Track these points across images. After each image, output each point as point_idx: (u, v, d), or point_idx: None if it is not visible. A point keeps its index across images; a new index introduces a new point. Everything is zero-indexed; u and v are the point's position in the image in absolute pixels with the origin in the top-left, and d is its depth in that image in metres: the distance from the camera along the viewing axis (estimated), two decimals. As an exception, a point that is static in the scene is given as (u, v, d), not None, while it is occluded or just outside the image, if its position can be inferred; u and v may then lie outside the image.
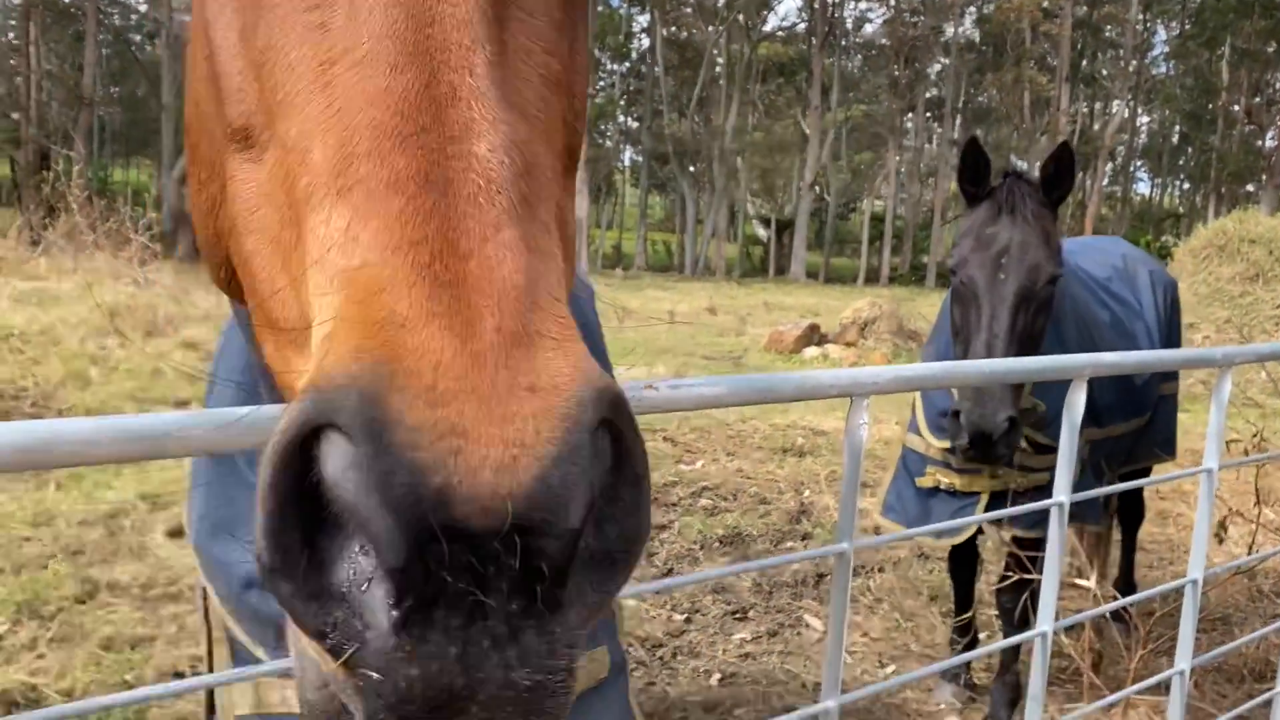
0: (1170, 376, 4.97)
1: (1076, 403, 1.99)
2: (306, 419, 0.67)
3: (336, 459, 0.66)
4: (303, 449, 0.68)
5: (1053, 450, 3.64)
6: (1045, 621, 2.01)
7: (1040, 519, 3.81)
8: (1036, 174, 3.81)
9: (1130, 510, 5.39)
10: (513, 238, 0.75)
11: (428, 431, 0.65)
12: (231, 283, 1.13)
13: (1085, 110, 53.43)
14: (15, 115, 41.45)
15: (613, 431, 0.72)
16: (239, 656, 1.70)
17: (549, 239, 0.81)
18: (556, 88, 0.90)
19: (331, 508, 0.67)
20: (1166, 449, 5.00)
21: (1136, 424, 4.48)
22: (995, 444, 3.37)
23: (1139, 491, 5.34)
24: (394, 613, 0.66)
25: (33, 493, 6.22)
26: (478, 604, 0.66)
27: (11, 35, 44.90)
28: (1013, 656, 4.15)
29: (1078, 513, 4.08)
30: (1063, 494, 2.00)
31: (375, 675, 0.67)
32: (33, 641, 4.40)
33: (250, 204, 0.92)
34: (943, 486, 4.03)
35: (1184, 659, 2.46)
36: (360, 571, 0.67)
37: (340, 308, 0.73)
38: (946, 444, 3.93)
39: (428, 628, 0.66)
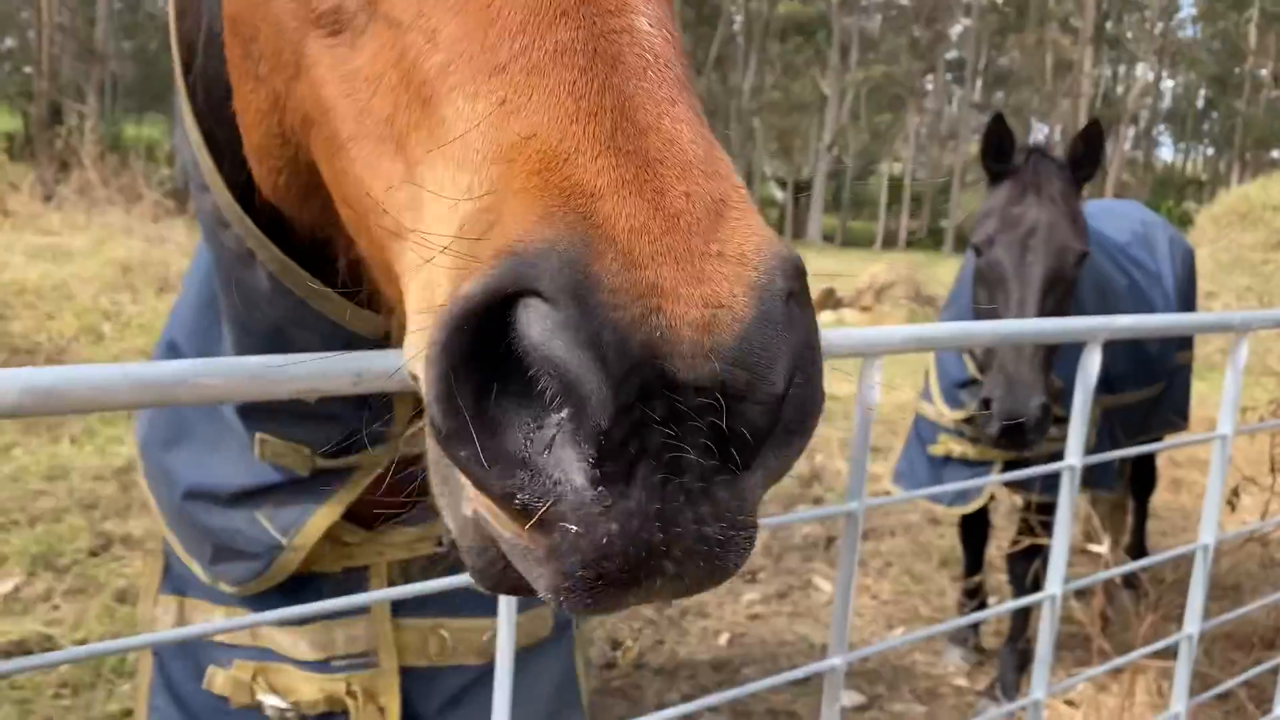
0: (1186, 345, 4.92)
1: (1091, 366, 1.96)
2: (503, 283, 0.66)
3: (541, 322, 0.66)
4: (486, 314, 0.67)
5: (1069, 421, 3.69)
6: (1054, 584, 1.99)
7: (1037, 484, 3.81)
8: (1056, 146, 3.76)
9: (1142, 478, 5.37)
10: (686, 111, 0.75)
11: (629, 292, 0.66)
12: (291, 190, 1.11)
13: (1109, 73, 52.62)
14: (27, 69, 41.37)
15: (796, 298, 0.72)
16: (172, 571, 1.69)
17: (703, 115, 0.81)
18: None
19: (526, 371, 0.66)
20: (1180, 418, 4.96)
21: (1150, 392, 4.44)
22: (1027, 431, 3.33)
23: (1151, 459, 5.31)
24: (597, 470, 0.66)
25: (47, 447, 6.27)
26: (676, 460, 0.66)
27: (25, -12, 44.70)
28: (1022, 623, 4.15)
29: (1093, 480, 4.06)
30: (1074, 457, 1.97)
31: (574, 529, 0.66)
32: (48, 593, 4.46)
33: (346, 90, 0.88)
34: (955, 455, 4.01)
35: (1193, 624, 2.44)
36: (559, 431, 0.66)
37: (510, 179, 0.71)
38: (960, 414, 3.91)
39: (630, 483, 0.66)
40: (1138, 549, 5.39)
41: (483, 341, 0.68)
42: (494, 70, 0.75)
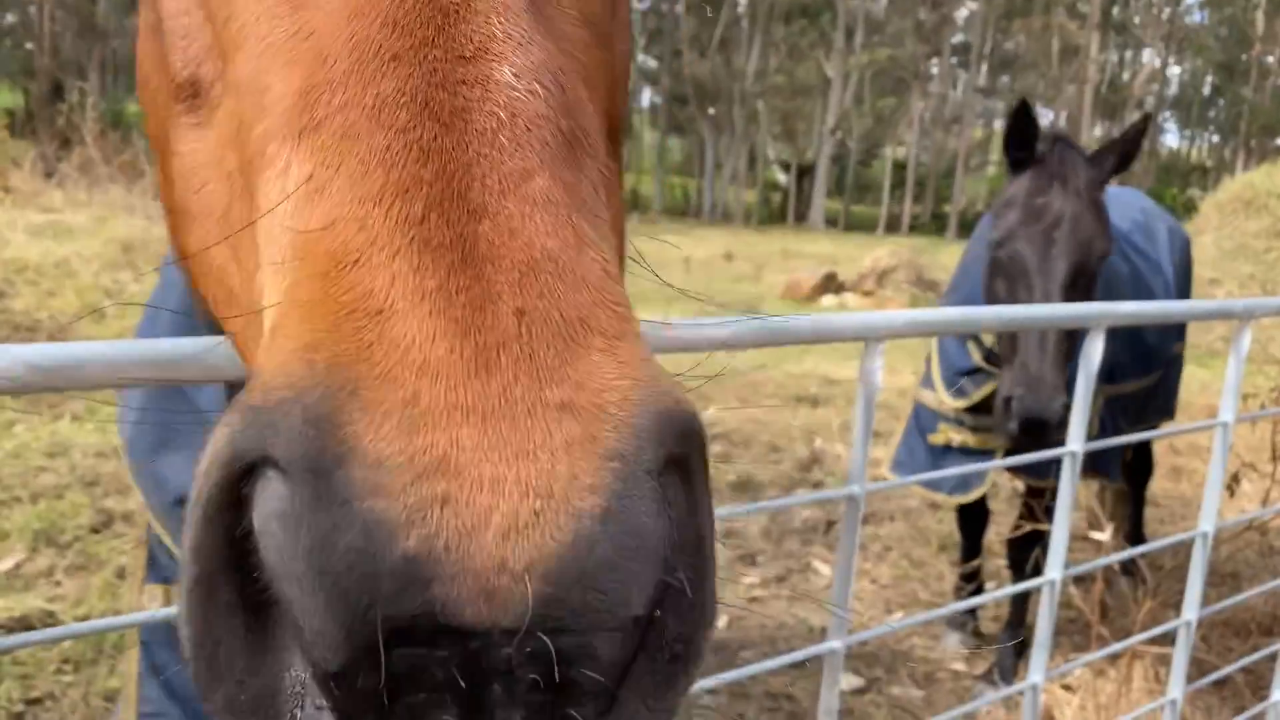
0: (1181, 335, 4.91)
1: (1093, 353, 1.96)
2: (234, 451, 0.48)
3: (268, 505, 0.46)
4: (239, 488, 0.49)
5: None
6: (1054, 569, 2.00)
7: (1052, 469, 3.79)
8: (1063, 129, 3.72)
9: (1139, 465, 5.38)
10: (549, 188, 0.56)
11: (401, 469, 0.45)
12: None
13: (1115, 59, 52.35)
14: (29, 45, 41.23)
15: (682, 473, 0.52)
16: (157, 561, 1.68)
17: (598, 200, 0.61)
18: (599, 36, 0.73)
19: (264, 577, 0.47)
20: (1167, 409, 4.94)
21: (1149, 382, 4.44)
22: (1049, 431, 3.21)
23: (1148, 446, 5.32)
24: None
25: (48, 424, 6.29)
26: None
27: (26, -36, 44.51)
28: (1021, 608, 4.16)
29: (1096, 468, 4.06)
30: (1075, 443, 1.97)
31: None
32: (50, 569, 4.47)
33: (195, 179, 0.73)
34: (955, 444, 3.95)
35: (1191, 610, 2.45)
36: (304, 677, 0.47)
37: (293, 286, 0.53)
38: (963, 402, 3.87)
39: None
40: (1135, 536, 5.41)
41: (228, 524, 0.49)
42: (305, 134, 0.58)
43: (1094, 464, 4.05)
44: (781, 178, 55.53)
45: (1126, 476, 5.32)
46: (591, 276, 0.54)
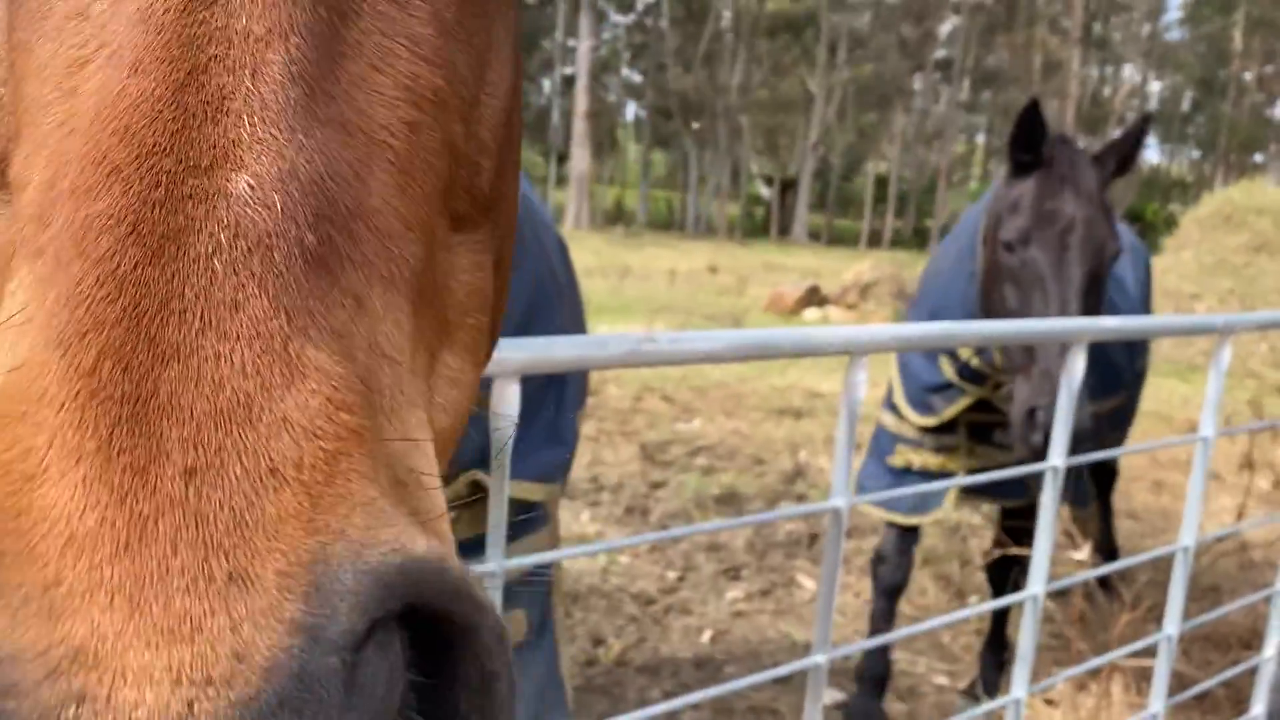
0: (1145, 352, 4.89)
1: (1076, 368, 1.97)
2: None
3: None
4: None
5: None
6: (1036, 584, 2.01)
7: (1018, 490, 3.71)
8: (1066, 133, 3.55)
9: (1102, 478, 5.38)
10: (262, 318, 0.49)
11: (34, 663, 0.40)
12: None
13: (1096, 74, 52.89)
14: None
15: (432, 622, 0.48)
16: None
17: (362, 320, 0.54)
18: (433, 108, 0.64)
19: None
20: (1128, 426, 4.85)
21: (1115, 402, 4.40)
22: (1080, 442, 3.03)
23: (1112, 460, 5.32)
24: None
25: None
26: None
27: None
28: (1002, 624, 4.16)
29: (1068, 496, 4.02)
30: (1057, 458, 1.98)
31: None
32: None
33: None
34: (915, 467, 3.80)
35: (1172, 625, 2.46)
36: None
37: None
38: (932, 420, 3.74)
39: None
40: (1107, 549, 5.42)
41: None
42: (36, 254, 0.52)
43: (1065, 490, 4.01)
44: (765, 192, 55.74)
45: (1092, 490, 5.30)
46: (300, 414, 0.47)
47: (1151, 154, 63.75)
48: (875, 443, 4.04)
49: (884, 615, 4.04)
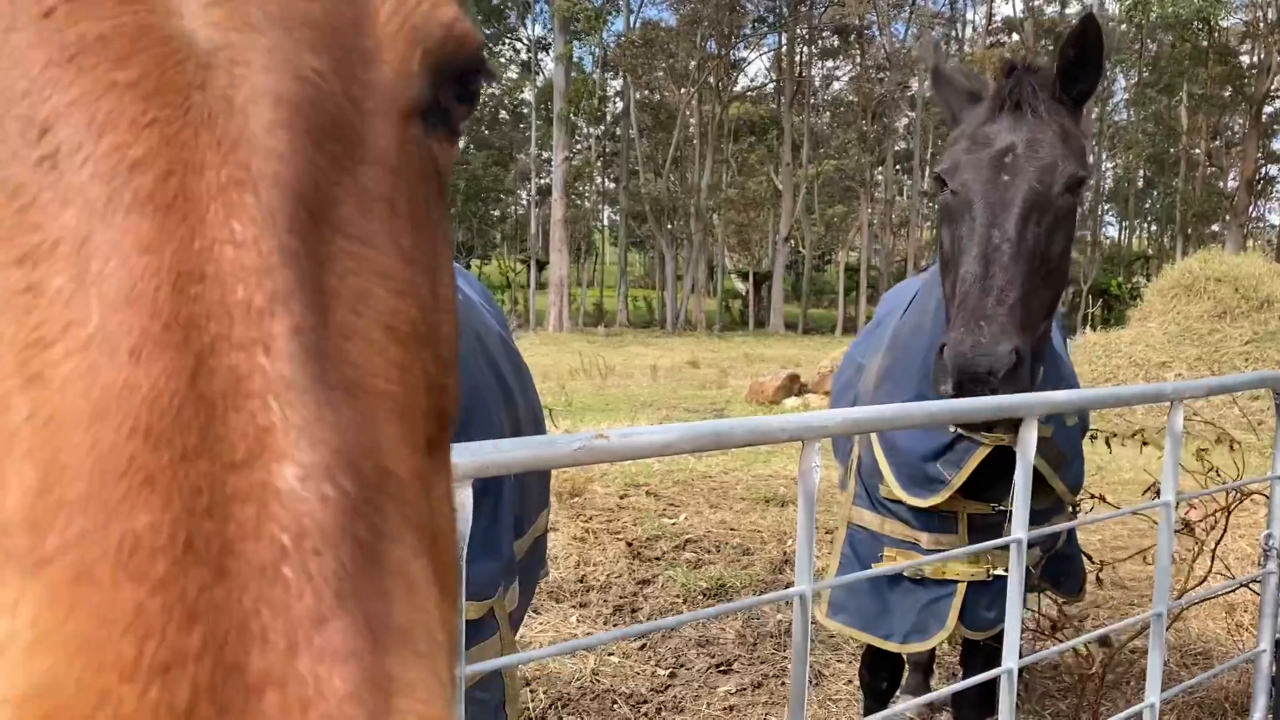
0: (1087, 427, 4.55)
1: (1029, 441, 2.05)
2: None
3: None
4: None
5: (1056, 510, 3.30)
6: (1010, 659, 2.05)
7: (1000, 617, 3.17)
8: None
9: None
10: (348, 632, 0.46)
11: None
12: None
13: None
14: None
15: None
16: None
17: (417, 604, 0.52)
18: (413, 342, 0.62)
19: None
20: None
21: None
22: (995, 387, 2.50)
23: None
24: None
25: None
26: None
27: None
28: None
29: (1057, 578, 3.71)
30: (1020, 531, 2.05)
31: None
32: None
33: None
34: (907, 574, 3.22)
35: (1154, 692, 2.49)
36: None
37: None
38: (938, 498, 3.10)
39: None
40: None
41: None
42: (36, 568, 0.46)
43: (1053, 574, 3.71)
44: (740, 286, 56.55)
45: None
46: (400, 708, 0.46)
47: (1111, 230, 65.23)
48: (850, 548, 3.43)
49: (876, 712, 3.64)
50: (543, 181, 50.07)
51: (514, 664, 1.56)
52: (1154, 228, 62.61)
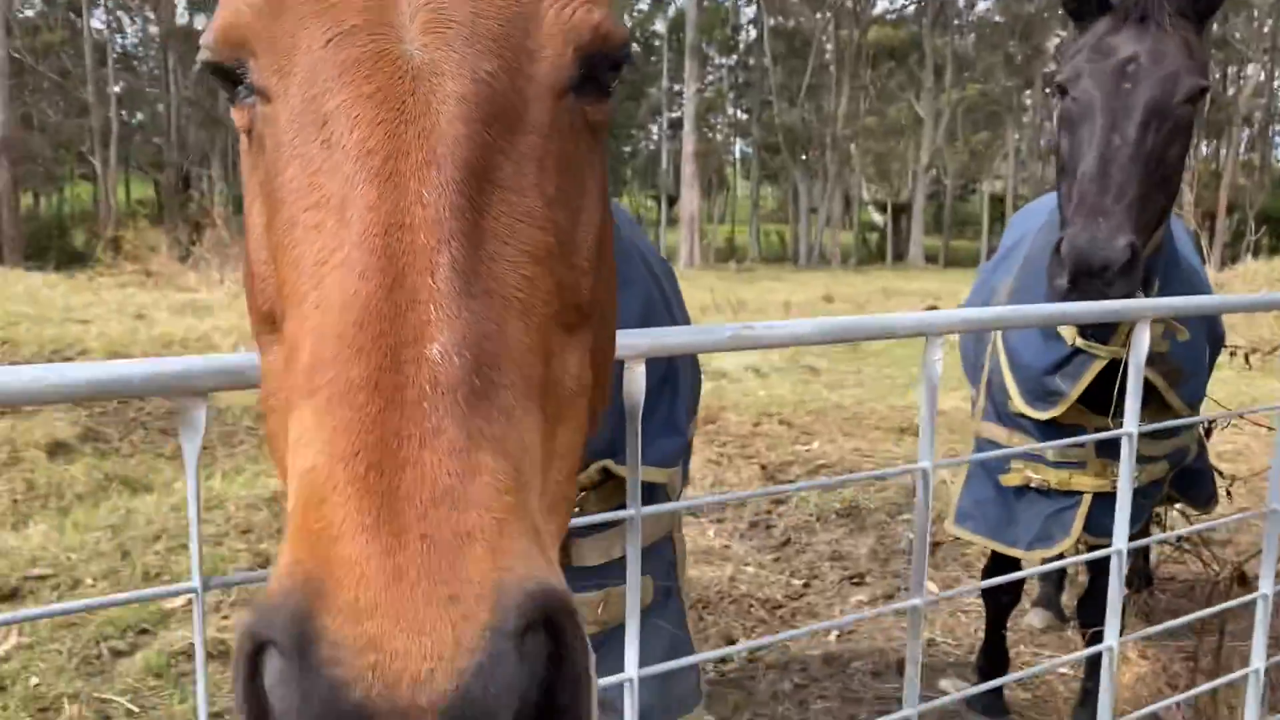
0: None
1: (1142, 344, 2.18)
2: (248, 637, 0.73)
3: (271, 673, 0.71)
4: (256, 661, 0.73)
5: (1177, 431, 3.30)
6: (1120, 540, 2.21)
7: (1139, 511, 3.35)
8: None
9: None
10: (454, 439, 0.77)
11: (349, 647, 0.68)
12: None
13: (1218, 75, 50.79)
14: (157, 140, 44.30)
15: (552, 629, 0.74)
16: None
17: (512, 427, 0.82)
18: (546, 260, 0.93)
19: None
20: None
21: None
22: (1110, 280, 2.63)
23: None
24: None
25: (204, 481, 6.90)
26: None
27: (152, 65, 47.87)
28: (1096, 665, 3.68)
29: (1187, 488, 3.69)
30: (1131, 424, 2.19)
31: None
32: (218, 605, 4.97)
33: (270, 385, 0.98)
34: (1034, 484, 3.35)
35: (1267, 583, 2.58)
36: None
37: (292, 510, 0.78)
38: (1057, 410, 3.20)
39: None
40: (1143, 572, 5.09)
41: (254, 684, 0.73)
42: (309, 395, 0.82)
43: (1183, 485, 3.75)
44: (878, 218, 55.30)
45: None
46: (480, 498, 0.75)
47: (1288, 152, 60.51)
48: (979, 464, 3.60)
49: (998, 625, 3.89)
50: (674, 115, 49.86)
51: (663, 510, 1.82)
52: (1334, 149, 57.81)
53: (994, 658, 3.96)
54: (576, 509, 1.85)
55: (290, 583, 0.72)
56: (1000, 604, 3.85)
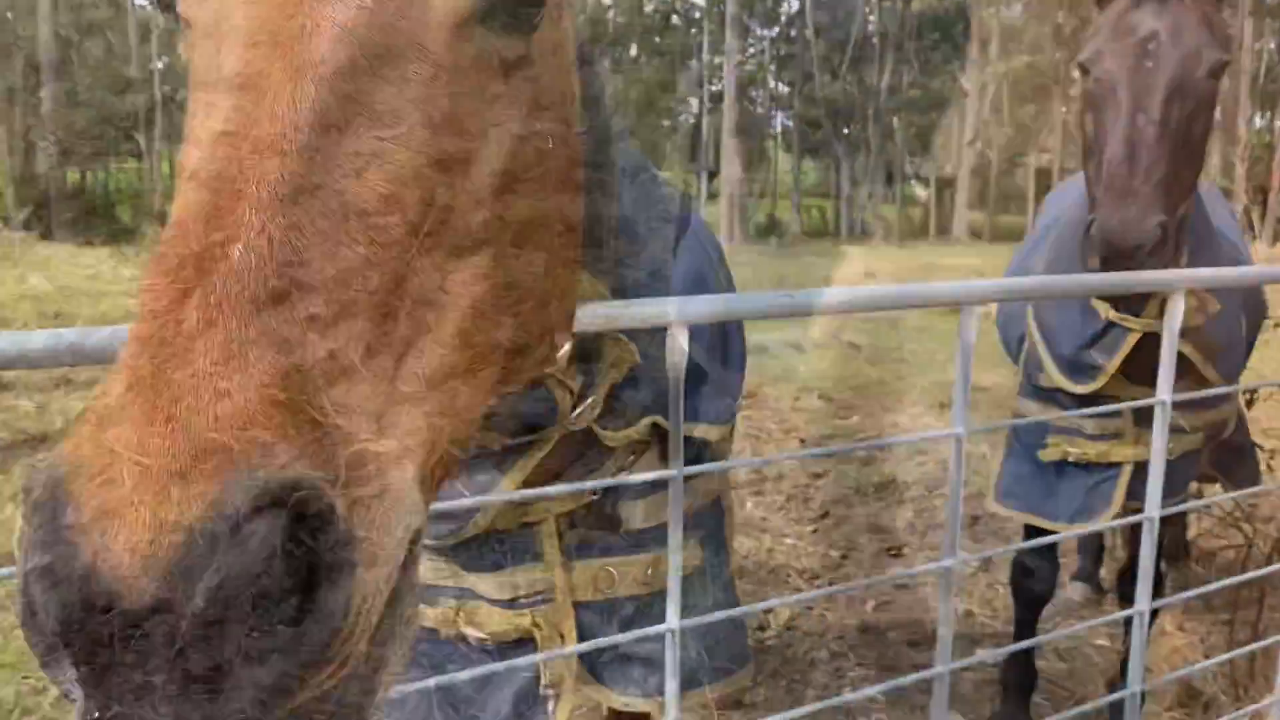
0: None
1: (1175, 314, 2.20)
2: (27, 485, 0.80)
3: (27, 531, 0.77)
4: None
5: (1213, 404, 3.29)
6: (1153, 507, 2.25)
7: (1179, 482, 3.32)
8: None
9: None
10: (228, 333, 0.80)
11: (90, 512, 0.74)
12: None
13: (1272, 46, 49.43)
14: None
15: (311, 523, 0.77)
16: None
17: (314, 331, 0.85)
18: (417, 180, 0.96)
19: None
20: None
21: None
22: (1142, 261, 2.63)
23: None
24: (76, 675, 0.75)
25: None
26: (146, 678, 0.73)
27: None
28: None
29: (1229, 471, 3.67)
30: (1165, 392, 2.22)
31: None
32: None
33: None
34: (1072, 459, 3.34)
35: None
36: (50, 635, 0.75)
37: (99, 395, 0.83)
38: (1095, 384, 3.19)
39: (101, 690, 0.74)
40: (1173, 549, 4.97)
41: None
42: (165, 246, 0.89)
43: (1225, 464, 3.73)
44: (920, 193, 54.62)
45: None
46: (237, 389, 0.79)
47: (1347, 123, 58.76)
48: (1017, 440, 3.59)
49: (1027, 625, 3.78)
50: (714, 89, 49.54)
51: (708, 470, 1.87)
52: (1396, 120, 56.08)
53: (1022, 668, 3.79)
54: (625, 470, 1.90)
55: (66, 452, 0.79)
56: (1032, 594, 3.72)
